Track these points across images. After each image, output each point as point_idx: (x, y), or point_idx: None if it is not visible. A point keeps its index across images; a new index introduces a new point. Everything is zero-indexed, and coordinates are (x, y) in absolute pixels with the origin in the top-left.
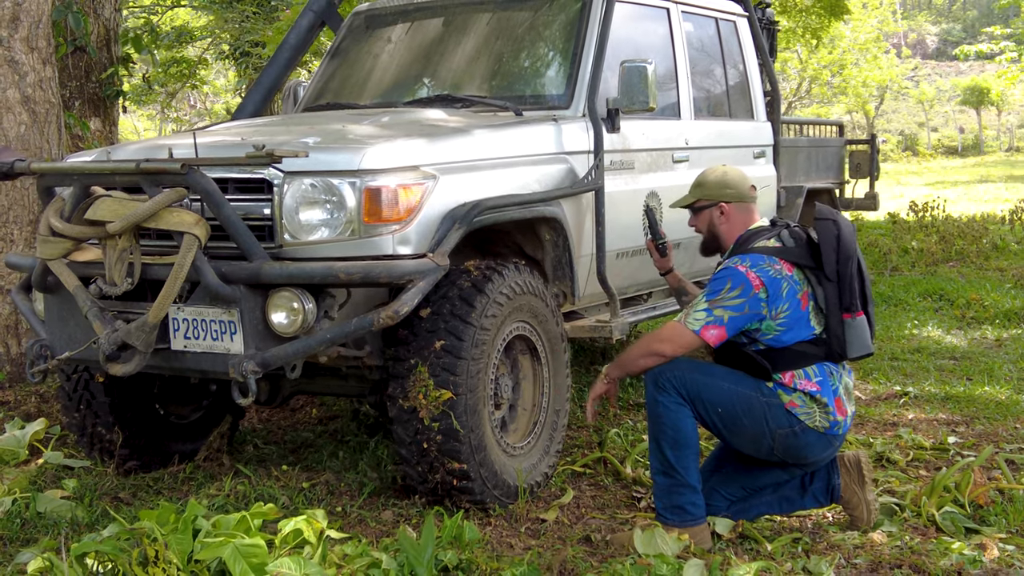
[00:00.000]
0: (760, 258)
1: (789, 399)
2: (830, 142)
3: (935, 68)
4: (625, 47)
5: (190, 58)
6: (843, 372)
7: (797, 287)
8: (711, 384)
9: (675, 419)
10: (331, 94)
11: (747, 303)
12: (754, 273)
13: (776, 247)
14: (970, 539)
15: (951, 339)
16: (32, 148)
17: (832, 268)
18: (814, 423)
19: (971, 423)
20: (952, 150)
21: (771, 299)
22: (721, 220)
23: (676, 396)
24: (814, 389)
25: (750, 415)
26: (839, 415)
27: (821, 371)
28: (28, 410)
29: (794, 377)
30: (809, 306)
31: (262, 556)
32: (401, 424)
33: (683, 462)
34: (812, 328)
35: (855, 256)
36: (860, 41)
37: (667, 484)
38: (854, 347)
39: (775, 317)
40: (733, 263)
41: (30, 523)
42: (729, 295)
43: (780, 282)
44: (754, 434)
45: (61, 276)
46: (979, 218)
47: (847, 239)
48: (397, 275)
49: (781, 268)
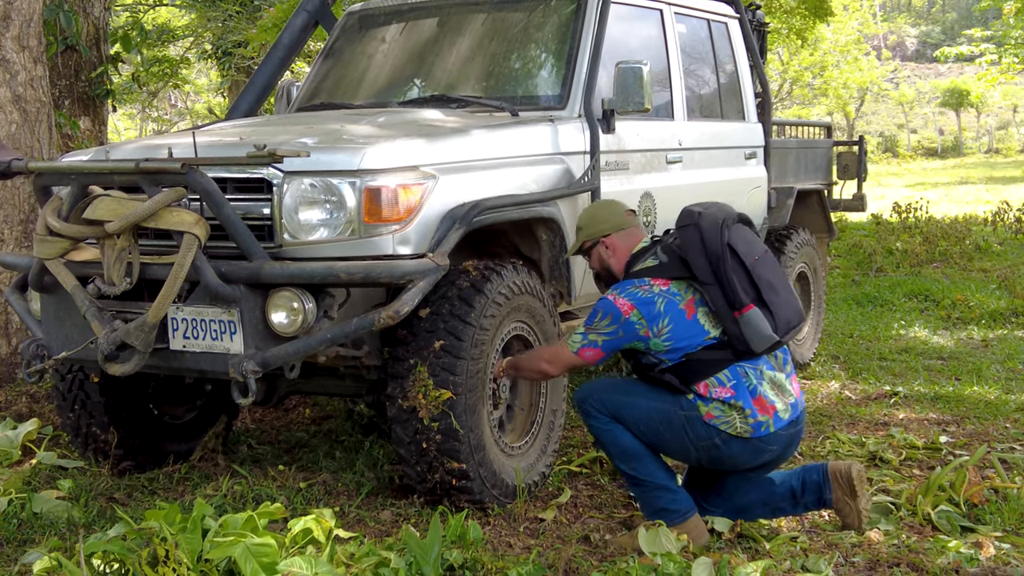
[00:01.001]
0: (629, 283)
1: (707, 410)
2: (819, 143)
3: (915, 70)
4: (619, 48)
5: (172, 57)
6: (763, 367)
7: (677, 298)
8: (630, 403)
9: (612, 437)
10: (325, 94)
11: (620, 328)
12: (622, 299)
13: (652, 266)
14: (966, 537)
15: (938, 339)
16: (23, 147)
17: (706, 272)
18: (736, 430)
19: (962, 422)
20: (932, 152)
21: (648, 319)
22: (608, 254)
23: (603, 417)
24: (728, 395)
25: (670, 430)
26: (761, 415)
27: (734, 374)
28: (20, 410)
29: (708, 386)
30: (697, 313)
31: (273, 555)
32: (400, 424)
33: (642, 470)
34: (707, 332)
35: (725, 253)
36: (841, 43)
37: (641, 493)
38: (755, 342)
39: (659, 334)
40: (607, 294)
41: (27, 524)
42: (601, 323)
43: (653, 300)
44: (677, 447)
45: (59, 276)
46: (961, 219)
47: (711, 239)
48: (398, 275)
49: (652, 286)
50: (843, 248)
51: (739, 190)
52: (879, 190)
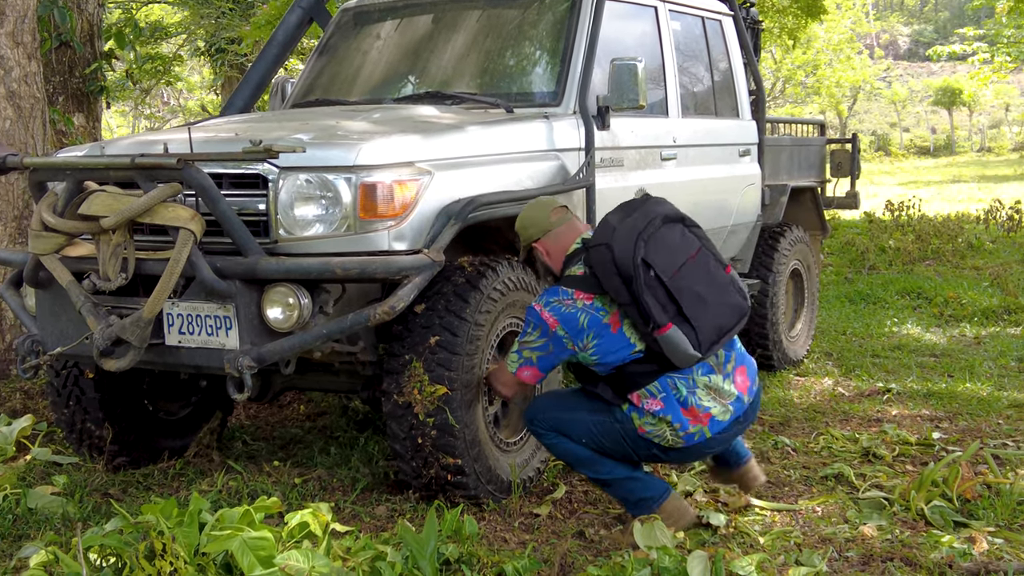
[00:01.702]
0: (554, 292)
1: (639, 423)
2: (812, 141)
3: (907, 69)
4: (614, 45)
5: (165, 54)
6: (698, 374)
7: (602, 313)
8: (570, 418)
9: (565, 449)
10: (320, 90)
11: (549, 342)
12: (548, 312)
13: (577, 277)
14: (959, 532)
15: (930, 336)
16: (17, 143)
17: (621, 292)
18: (668, 443)
19: (954, 419)
20: (924, 150)
21: (573, 334)
22: (545, 257)
23: (551, 432)
24: (658, 408)
25: (610, 439)
26: (693, 426)
27: (664, 386)
28: (14, 406)
29: (640, 397)
30: (623, 326)
31: (270, 549)
32: (395, 419)
33: (604, 470)
34: (633, 346)
35: (639, 272)
36: (834, 42)
37: (613, 491)
38: (677, 360)
39: (585, 348)
40: (534, 302)
41: (22, 519)
42: (531, 337)
43: (576, 315)
44: (621, 454)
45: (54, 271)
46: (954, 217)
47: (623, 259)
48: (393, 271)
49: (575, 300)
50: (836, 246)
51: (733, 187)
52: (872, 188)
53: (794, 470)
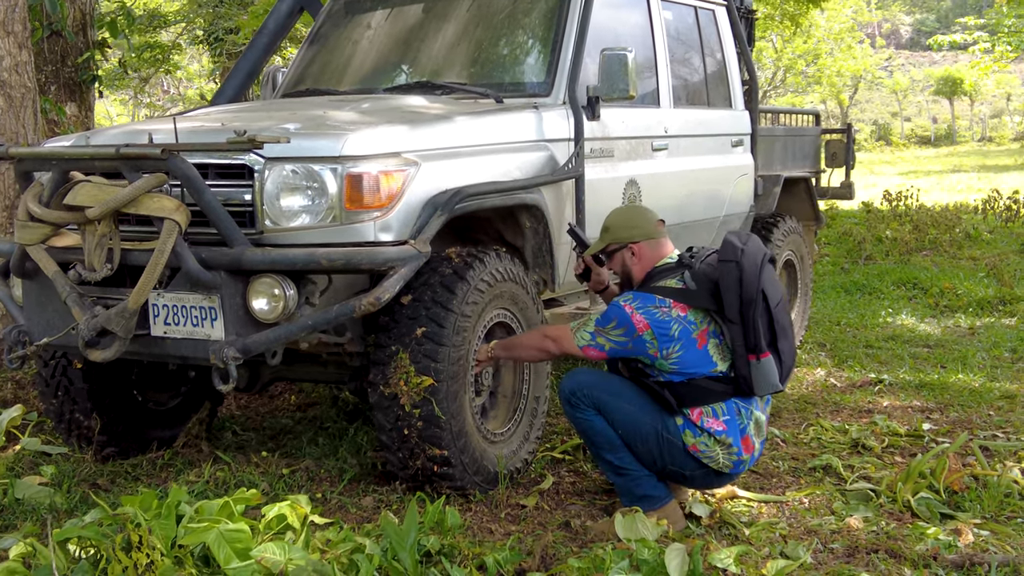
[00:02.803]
0: (650, 299)
1: (693, 442)
2: (806, 131)
3: (909, 58)
4: (605, 35)
5: (163, 43)
6: (754, 408)
7: (692, 327)
8: (616, 405)
9: (599, 427)
10: (310, 80)
11: (630, 342)
12: (639, 315)
13: (675, 288)
14: (945, 524)
15: (925, 327)
16: (7, 133)
17: (735, 312)
18: (717, 465)
19: (945, 410)
20: (925, 140)
21: (660, 341)
22: (633, 260)
23: (589, 409)
24: (720, 429)
25: (645, 443)
26: (745, 454)
27: (729, 409)
28: (5, 396)
29: (702, 414)
30: (708, 344)
31: (246, 541)
32: (382, 410)
33: (626, 459)
34: (714, 364)
35: (758, 297)
36: (835, 31)
37: (623, 482)
38: (761, 387)
39: (667, 357)
40: (623, 301)
41: (8, 509)
42: (614, 331)
43: (669, 324)
44: (647, 459)
45: (40, 262)
46: (952, 208)
47: (749, 280)
48: (379, 262)
49: (671, 310)
50: (833, 236)
51: (725, 178)
52: (871, 178)
53: (783, 461)
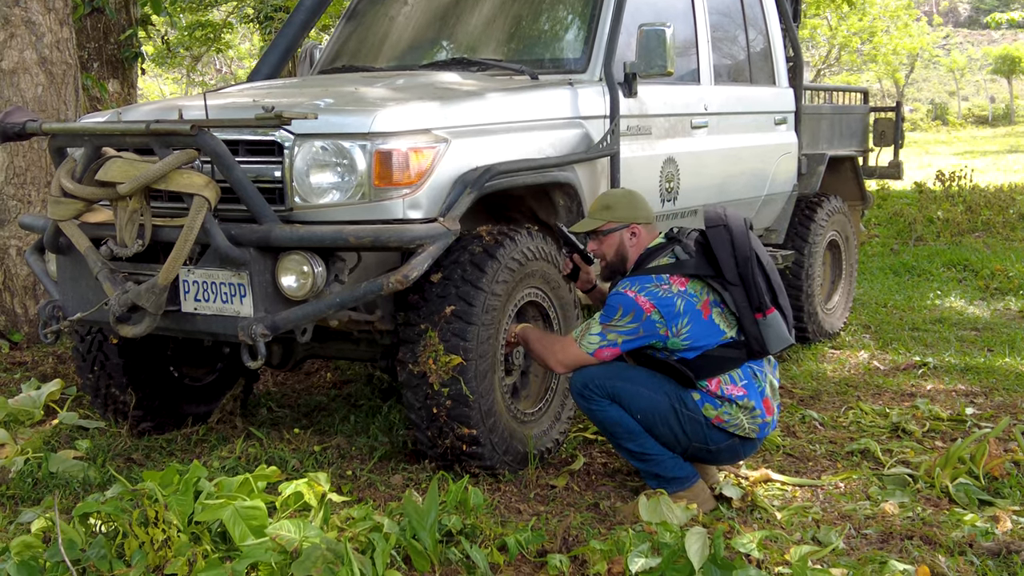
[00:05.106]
0: (647, 279)
1: (716, 413)
2: (854, 109)
3: (967, 36)
4: (644, 10)
5: (214, 22)
6: (767, 371)
7: (694, 299)
8: (631, 390)
9: (615, 417)
10: (347, 56)
11: (641, 326)
12: (643, 297)
13: (670, 264)
14: (983, 511)
15: (973, 310)
16: (49, 109)
17: (733, 273)
18: (744, 431)
19: (990, 394)
20: (982, 120)
21: (668, 318)
22: (632, 242)
23: (604, 400)
24: (740, 394)
25: (666, 424)
26: (767, 415)
27: (746, 374)
28: (45, 371)
29: (720, 383)
30: (712, 313)
31: (262, 518)
32: (411, 389)
33: (647, 444)
34: (723, 332)
35: (752, 255)
36: (891, 8)
37: (647, 467)
38: (773, 343)
39: (678, 334)
40: (623, 288)
41: (42, 483)
42: (622, 321)
43: (672, 300)
44: (670, 440)
45: (72, 237)
46: (1007, 188)
47: (741, 241)
48: (407, 239)
49: (671, 286)
50: (884, 216)
51: (767, 156)
52: (926, 158)
53: (820, 445)
